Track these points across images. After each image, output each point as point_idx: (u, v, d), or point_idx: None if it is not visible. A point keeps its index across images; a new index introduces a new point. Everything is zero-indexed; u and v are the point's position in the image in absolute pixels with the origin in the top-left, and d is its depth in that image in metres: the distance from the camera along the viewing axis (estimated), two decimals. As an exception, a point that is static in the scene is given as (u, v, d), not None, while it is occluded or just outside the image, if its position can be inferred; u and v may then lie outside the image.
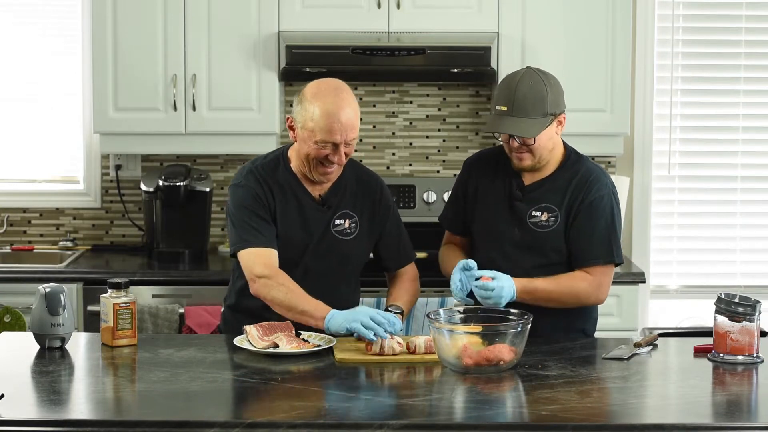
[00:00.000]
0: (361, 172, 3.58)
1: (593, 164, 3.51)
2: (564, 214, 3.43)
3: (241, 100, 4.79)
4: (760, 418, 2.71)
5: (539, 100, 3.34)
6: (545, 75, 3.40)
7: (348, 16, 4.76)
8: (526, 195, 3.46)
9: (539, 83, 3.36)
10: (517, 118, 3.33)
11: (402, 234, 3.62)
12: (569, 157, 3.49)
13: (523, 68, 3.45)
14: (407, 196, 5.09)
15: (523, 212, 3.45)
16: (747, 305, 3.10)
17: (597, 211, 3.42)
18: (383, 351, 3.13)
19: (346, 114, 3.30)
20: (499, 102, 3.37)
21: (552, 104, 3.37)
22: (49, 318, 3.21)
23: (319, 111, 3.29)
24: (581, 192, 3.43)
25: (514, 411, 2.75)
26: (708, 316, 3.28)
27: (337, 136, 3.30)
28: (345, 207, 3.48)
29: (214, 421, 2.59)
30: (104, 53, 4.76)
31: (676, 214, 5.25)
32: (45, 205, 5.20)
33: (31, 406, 2.74)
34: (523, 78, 3.37)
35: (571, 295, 3.40)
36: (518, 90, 3.34)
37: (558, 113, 3.40)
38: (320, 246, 3.44)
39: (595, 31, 4.78)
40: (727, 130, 5.22)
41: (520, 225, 3.46)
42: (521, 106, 3.33)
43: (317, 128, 3.29)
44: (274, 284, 3.31)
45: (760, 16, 5.17)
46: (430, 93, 5.18)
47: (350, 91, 3.38)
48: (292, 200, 3.44)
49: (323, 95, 3.32)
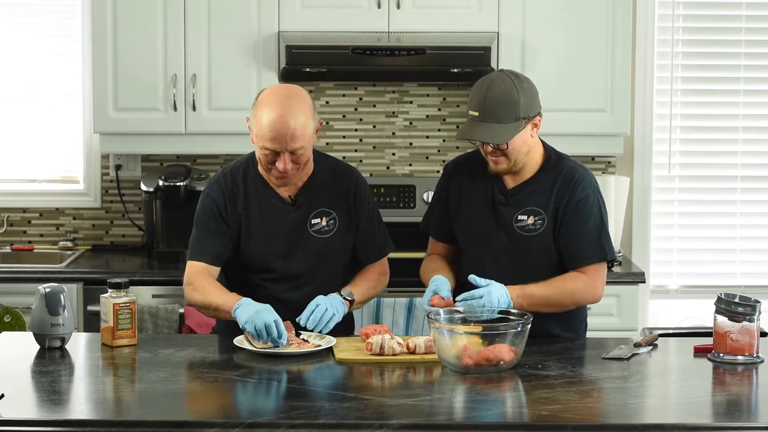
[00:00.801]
0: (336, 166, 3.55)
1: (575, 163, 3.47)
2: (550, 216, 3.40)
3: (241, 100, 4.78)
4: (760, 418, 2.71)
5: (511, 104, 3.29)
6: (517, 78, 3.35)
7: (348, 16, 4.76)
8: (509, 199, 3.43)
9: (511, 87, 3.30)
10: (488, 124, 3.29)
11: (377, 229, 3.59)
12: (550, 157, 3.45)
13: (496, 72, 3.39)
14: (407, 196, 5.10)
15: (508, 217, 3.42)
16: (747, 305, 3.10)
17: (584, 210, 3.39)
18: (383, 351, 3.13)
19: (287, 124, 3.26)
20: (471, 107, 3.34)
21: (524, 108, 3.31)
22: (49, 318, 3.21)
23: (263, 118, 3.28)
24: (566, 193, 3.40)
25: (514, 411, 2.75)
26: (708, 316, 3.28)
27: (277, 144, 3.28)
28: (320, 205, 3.46)
29: (214, 421, 2.58)
30: (104, 53, 4.76)
31: (676, 214, 5.25)
32: (45, 205, 5.20)
33: (31, 406, 2.74)
34: (494, 82, 3.32)
35: (568, 297, 3.39)
36: (489, 95, 3.30)
37: (532, 116, 3.35)
38: (298, 246, 3.44)
39: (595, 31, 4.78)
40: (727, 130, 5.22)
41: (506, 230, 3.43)
42: (492, 111, 3.29)
43: (260, 135, 3.30)
44: (193, 288, 3.40)
45: (760, 16, 5.17)
46: (430, 93, 5.18)
47: (301, 99, 3.32)
48: (261, 204, 3.44)
49: (270, 102, 3.30)
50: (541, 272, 3.39)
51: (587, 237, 3.39)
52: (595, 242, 3.39)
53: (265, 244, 3.44)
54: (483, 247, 3.46)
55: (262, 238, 3.44)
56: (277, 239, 3.44)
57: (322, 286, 3.43)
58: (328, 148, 5.12)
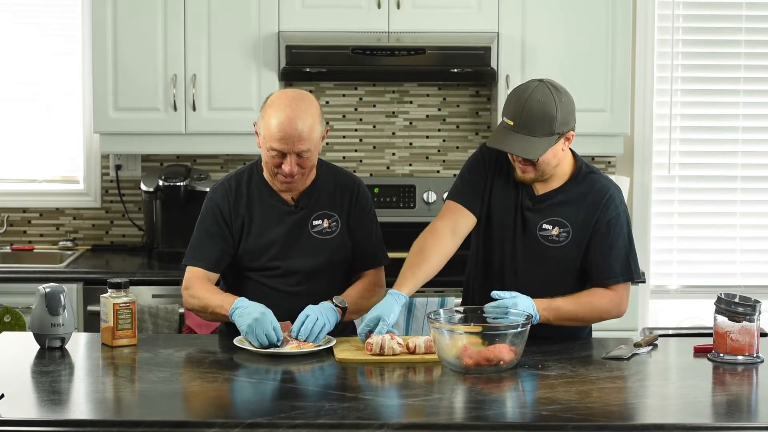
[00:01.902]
0: (339, 174, 3.57)
1: (606, 179, 3.42)
2: (577, 230, 3.36)
3: (241, 100, 4.79)
4: (760, 418, 2.71)
5: (547, 120, 3.23)
6: (557, 91, 3.27)
7: (348, 16, 4.76)
8: (536, 205, 3.39)
9: (550, 102, 3.23)
10: (521, 135, 3.23)
11: (374, 236, 3.56)
12: (580, 169, 3.40)
13: (536, 81, 3.30)
14: (407, 196, 5.09)
15: (533, 223, 3.38)
16: (747, 305, 3.10)
17: (615, 229, 3.36)
18: (383, 351, 3.13)
19: (295, 125, 3.29)
20: (507, 114, 3.27)
21: (560, 124, 3.25)
22: (49, 318, 3.21)
23: (272, 119, 3.32)
24: (597, 211, 3.35)
25: (514, 411, 2.75)
26: (708, 316, 3.28)
27: (285, 145, 3.30)
28: (322, 207, 3.48)
29: (214, 421, 2.58)
30: (104, 53, 4.76)
31: (676, 214, 5.25)
32: (45, 205, 5.20)
33: (31, 406, 2.74)
34: (533, 93, 3.24)
35: (594, 313, 3.37)
36: (527, 106, 3.23)
37: (566, 131, 3.29)
38: (300, 247, 3.45)
39: (595, 31, 4.78)
40: (727, 130, 5.22)
41: (529, 236, 3.39)
42: (527, 123, 3.22)
43: (268, 135, 3.33)
44: (190, 294, 3.42)
45: (760, 16, 5.18)
46: (430, 93, 5.18)
47: (309, 103, 3.35)
48: (265, 207, 3.46)
49: (279, 104, 3.34)
50: (553, 282, 3.36)
51: (616, 256, 3.36)
52: (623, 261, 3.37)
53: (265, 244, 3.45)
54: (501, 247, 3.42)
55: (263, 238, 3.45)
56: (278, 239, 3.45)
57: (322, 284, 3.44)
58: (328, 148, 5.12)
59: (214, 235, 3.46)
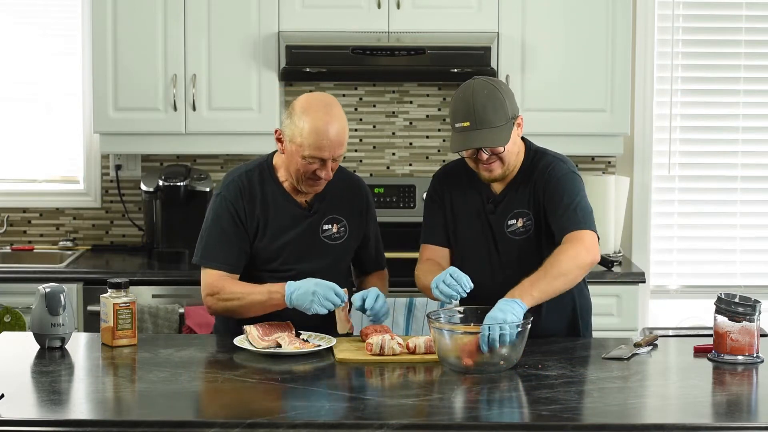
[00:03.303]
0: (348, 177, 3.59)
1: (552, 155, 3.43)
2: (536, 214, 3.38)
3: (241, 100, 4.79)
4: (760, 418, 2.71)
5: (499, 106, 3.27)
6: (495, 82, 3.33)
7: (348, 16, 4.76)
8: (498, 206, 3.42)
9: (493, 91, 3.28)
10: (482, 130, 3.26)
11: (380, 242, 3.66)
12: (529, 154, 3.43)
13: (471, 80, 3.35)
14: (407, 196, 5.09)
15: (499, 224, 3.41)
16: (747, 305, 3.10)
17: (558, 189, 3.33)
18: (383, 351, 3.13)
19: (335, 130, 3.30)
20: (459, 119, 3.29)
21: (510, 108, 3.30)
22: (49, 318, 3.21)
23: (308, 127, 3.29)
24: (540, 181, 3.37)
25: (514, 411, 2.75)
26: (708, 316, 3.28)
27: (326, 152, 3.30)
28: (332, 212, 3.49)
29: (214, 421, 2.59)
30: (104, 53, 4.76)
31: (676, 214, 5.25)
32: (45, 205, 5.20)
33: (31, 406, 2.74)
34: (476, 89, 3.29)
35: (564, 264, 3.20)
36: (476, 102, 3.26)
37: (516, 116, 3.34)
38: (310, 251, 3.45)
39: (595, 31, 4.78)
40: (727, 130, 5.22)
41: (499, 237, 3.41)
42: (483, 117, 3.26)
43: (306, 144, 3.30)
44: (219, 298, 3.37)
45: (760, 16, 5.18)
46: (430, 93, 5.18)
47: (340, 107, 3.38)
48: (278, 210, 3.45)
49: (313, 110, 3.31)
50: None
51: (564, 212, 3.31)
52: (573, 213, 3.30)
53: (279, 247, 3.45)
54: (479, 258, 3.43)
55: (278, 241, 3.44)
56: (291, 242, 3.45)
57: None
58: (328, 148, 5.12)
59: (231, 236, 3.42)
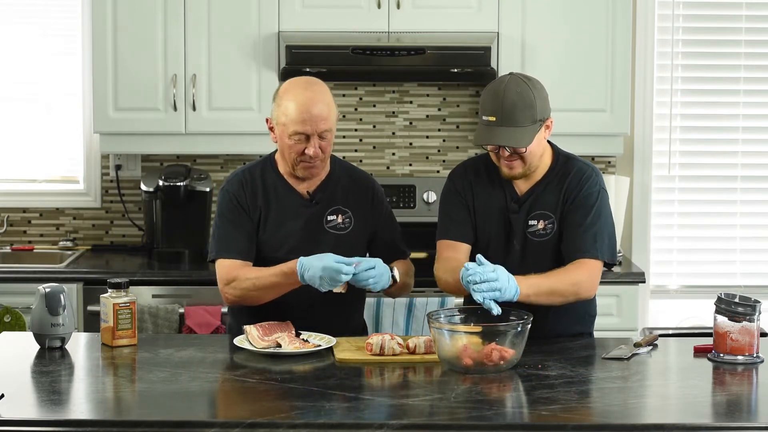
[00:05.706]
0: (352, 171, 3.62)
1: (584, 162, 3.45)
2: (558, 217, 3.38)
3: (241, 100, 4.79)
4: (760, 418, 2.71)
5: (528, 108, 3.27)
6: (530, 80, 3.33)
7: (348, 16, 4.76)
8: (521, 206, 3.41)
9: (526, 90, 3.28)
10: (506, 128, 3.26)
11: (395, 231, 3.62)
12: (557, 158, 3.44)
13: (507, 75, 3.36)
14: (407, 196, 5.10)
15: (520, 223, 3.40)
16: (747, 305, 3.10)
17: (586, 205, 3.35)
18: (383, 351, 3.13)
19: (316, 105, 3.36)
20: (486, 112, 3.29)
21: (540, 110, 3.30)
22: (49, 318, 3.21)
23: (290, 104, 3.36)
24: (574, 191, 3.37)
25: (514, 411, 2.75)
26: (708, 316, 3.28)
27: (308, 126, 3.34)
28: (337, 203, 3.50)
29: (214, 421, 2.59)
30: (104, 53, 4.76)
31: (676, 214, 5.25)
32: (45, 205, 5.20)
33: (31, 406, 2.74)
34: (508, 85, 3.28)
35: (570, 286, 3.28)
36: (506, 99, 3.26)
37: (545, 118, 3.33)
38: (315, 242, 3.45)
39: (595, 31, 4.78)
40: (727, 130, 5.22)
41: (519, 237, 3.40)
42: (510, 115, 3.26)
43: (289, 121, 3.36)
44: (235, 285, 3.38)
45: (760, 16, 5.18)
46: (430, 93, 5.18)
47: (323, 86, 3.43)
48: (281, 201, 3.48)
49: (293, 89, 3.40)
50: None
51: (584, 232, 3.33)
52: (592, 239, 3.34)
53: (282, 238, 3.46)
54: (496, 257, 3.38)
55: (280, 232, 3.47)
56: (294, 233, 3.47)
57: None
58: (328, 148, 5.12)
59: (238, 225, 3.45)
